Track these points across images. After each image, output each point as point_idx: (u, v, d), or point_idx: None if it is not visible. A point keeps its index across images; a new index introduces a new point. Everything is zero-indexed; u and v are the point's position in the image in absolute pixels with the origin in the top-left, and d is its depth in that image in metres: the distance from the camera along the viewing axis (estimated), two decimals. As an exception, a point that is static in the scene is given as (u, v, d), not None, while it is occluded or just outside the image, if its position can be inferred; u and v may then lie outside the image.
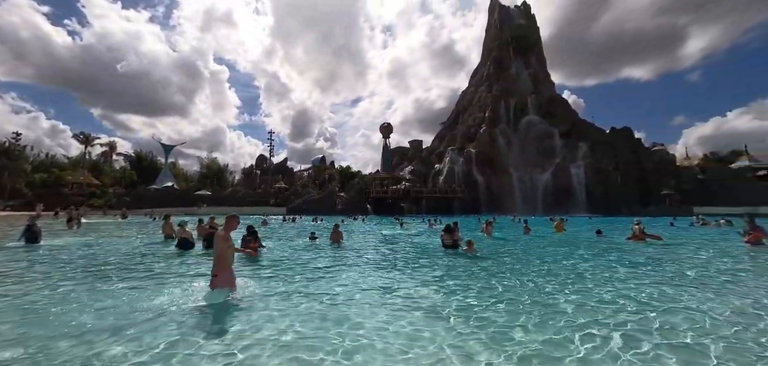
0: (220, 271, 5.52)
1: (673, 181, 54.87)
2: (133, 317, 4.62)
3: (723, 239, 15.15)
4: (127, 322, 4.41)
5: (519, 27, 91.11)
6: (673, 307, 5.16)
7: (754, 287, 6.43)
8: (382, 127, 76.75)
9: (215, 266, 5.55)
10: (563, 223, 20.56)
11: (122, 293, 5.93)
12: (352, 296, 5.90)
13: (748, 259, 9.86)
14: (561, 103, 78.06)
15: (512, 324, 4.47)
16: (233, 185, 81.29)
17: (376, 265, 9.17)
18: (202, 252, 11.42)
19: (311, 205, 53.42)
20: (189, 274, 7.74)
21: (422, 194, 59.94)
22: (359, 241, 15.38)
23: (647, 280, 7.06)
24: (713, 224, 24.81)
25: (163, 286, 6.47)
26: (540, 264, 9.14)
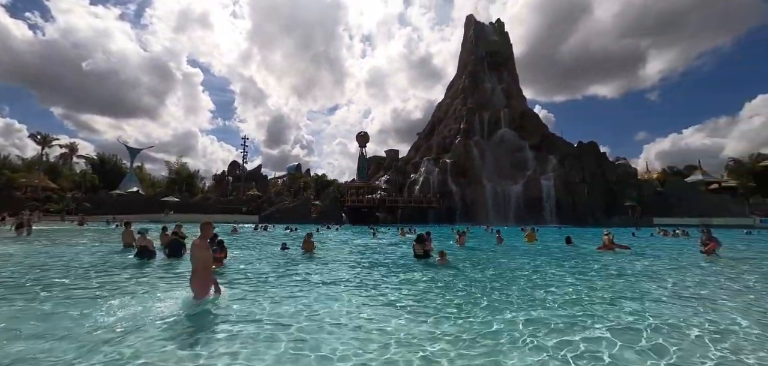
0: (200, 279, 5.57)
1: (635, 193, 57.75)
2: (66, 339, 4.26)
3: (682, 249, 16.01)
4: (53, 346, 4.02)
5: (493, 43, 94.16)
6: (635, 317, 5.32)
7: (714, 294, 6.77)
8: (358, 135, 76.56)
9: (195, 275, 5.58)
10: (534, 233, 21.09)
11: (57, 311, 5.46)
12: (318, 312, 5.73)
13: (706, 267, 10.46)
14: (532, 118, 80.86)
15: (474, 336, 4.46)
16: (203, 192, 78.66)
17: (345, 279, 9.02)
18: (163, 261, 10.89)
19: (285, 214, 52.38)
20: (145, 285, 7.30)
21: (398, 204, 60.11)
22: (331, 251, 15.14)
23: (616, 287, 7.30)
24: (672, 234, 26.45)
25: (110, 300, 6.04)
26: (510, 275, 9.28)
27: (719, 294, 6.93)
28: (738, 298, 6.55)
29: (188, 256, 11.32)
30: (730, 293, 7.01)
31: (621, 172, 65.41)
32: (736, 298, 6.62)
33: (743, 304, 6.12)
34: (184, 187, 73.92)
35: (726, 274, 9.28)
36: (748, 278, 8.68)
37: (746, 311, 5.67)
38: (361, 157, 75.18)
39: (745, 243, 20.53)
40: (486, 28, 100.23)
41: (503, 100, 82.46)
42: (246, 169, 77.01)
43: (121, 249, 13.82)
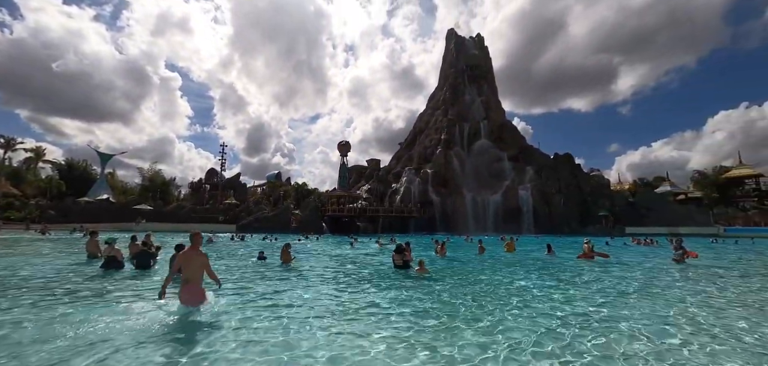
0: (190, 288, 5.75)
1: (608, 203, 59.74)
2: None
3: (653, 256, 16.56)
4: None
5: (473, 57, 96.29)
6: (612, 323, 5.37)
7: (689, 296, 6.96)
8: (340, 144, 76.25)
9: (185, 284, 5.77)
10: (514, 242, 21.37)
11: (6, 332, 5.07)
12: (293, 324, 5.52)
13: (679, 273, 10.83)
14: (510, 130, 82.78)
15: (452, 350, 4.37)
16: (179, 200, 76.21)
17: (322, 291, 8.81)
18: (132, 273, 10.37)
19: (264, 223, 51.28)
20: (110, 298, 6.87)
21: (379, 213, 59.95)
22: (309, 262, 14.83)
23: (598, 295, 7.39)
24: (643, 243, 27.76)
25: (74, 316, 5.63)
26: (492, 285, 9.28)
27: (700, 298, 7.14)
28: (717, 300, 6.76)
29: (157, 268, 10.94)
30: (705, 296, 7.23)
31: (595, 183, 67.66)
32: (715, 299, 6.83)
33: (726, 305, 6.31)
34: (158, 194, 71.35)
35: (703, 280, 9.61)
36: (725, 282, 9.01)
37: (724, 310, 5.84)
38: (342, 167, 74.81)
39: (712, 251, 21.48)
40: (466, 41, 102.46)
41: (483, 112, 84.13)
42: (224, 177, 75.10)
43: (86, 260, 13.10)
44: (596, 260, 14.62)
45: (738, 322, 5.60)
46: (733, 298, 7.58)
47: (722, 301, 7.27)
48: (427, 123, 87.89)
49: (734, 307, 6.71)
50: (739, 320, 5.73)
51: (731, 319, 5.79)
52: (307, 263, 14.10)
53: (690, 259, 13.37)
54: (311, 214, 55.89)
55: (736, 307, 6.72)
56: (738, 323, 5.56)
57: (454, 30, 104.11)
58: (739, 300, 7.35)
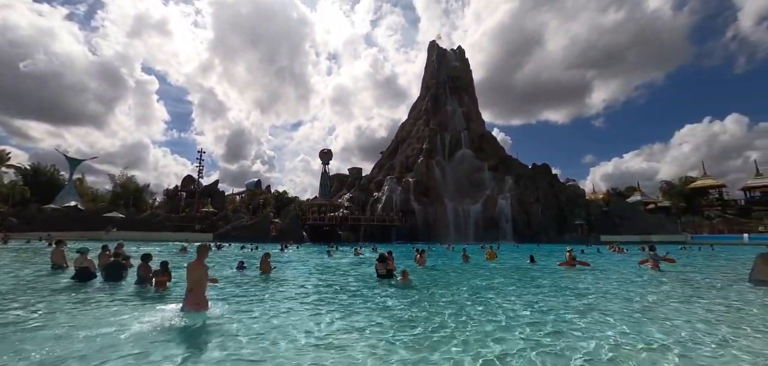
0: (193, 297, 6.22)
1: (583, 212, 61.54)
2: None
3: (628, 263, 17.08)
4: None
5: (454, 69, 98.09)
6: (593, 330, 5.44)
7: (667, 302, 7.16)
8: (321, 152, 75.62)
9: (190, 293, 6.22)
10: (494, 251, 21.64)
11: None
12: (276, 335, 5.34)
13: (656, 280, 11.17)
14: (490, 140, 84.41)
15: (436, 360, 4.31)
16: (153, 207, 73.52)
17: (303, 301, 8.61)
18: (102, 285, 9.89)
19: (242, 232, 50.07)
20: (85, 313, 6.46)
21: (360, 222, 59.64)
22: (290, 271, 14.51)
23: (580, 302, 7.50)
24: (617, 249, 28.77)
25: (40, 330, 5.26)
26: (472, 294, 9.30)
27: (682, 304, 7.35)
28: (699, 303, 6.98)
29: (129, 279, 10.44)
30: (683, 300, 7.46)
31: (571, 192, 69.64)
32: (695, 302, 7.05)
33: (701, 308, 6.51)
34: (131, 202, 68.58)
35: (680, 284, 9.93)
36: (699, 286, 9.35)
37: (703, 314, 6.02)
38: (324, 175, 74.15)
39: (681, 257, 22.32)
40: (448, 53, 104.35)
41: (463, 123, 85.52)
42: (201, 184, 73.03)
43: (50, 270, 12.38)
44: (577, 268, 14.99)
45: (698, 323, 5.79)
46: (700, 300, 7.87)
47: (694, 304, 7.52)
48: (409, 132, 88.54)
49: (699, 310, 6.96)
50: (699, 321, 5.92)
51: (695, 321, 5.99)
52: (286, 273, 13.80)
53: (665, 264, 13.96)
54: (291, 222, 55.01)
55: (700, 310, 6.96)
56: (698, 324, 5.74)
57: (435, 42, 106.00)
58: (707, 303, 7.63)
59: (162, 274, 9.64)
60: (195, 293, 6.25)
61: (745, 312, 6.97)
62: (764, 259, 10.53)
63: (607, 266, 16.53)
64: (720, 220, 58.85)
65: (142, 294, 8.65)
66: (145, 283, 9.61)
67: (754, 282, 10.45)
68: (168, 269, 9.89)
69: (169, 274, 9.88)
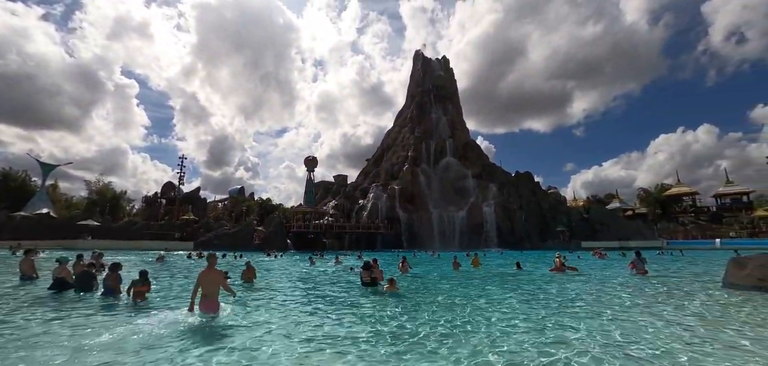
0: (208, 302, 6.97)
1: (565, 219, 62.85)
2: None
3: (612, 267, 17.47)
4: None
5: (439, 78, 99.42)
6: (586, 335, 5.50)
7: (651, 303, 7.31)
8: (306, 159, 74.94)
9: (204, 299, 6.96)
10: (479, 258, 21.74)
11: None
12: (261, 346, 5.20)
13: (638, 282, 11.44)
14: (474, 148, 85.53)
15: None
16: (130, 215, 71.22)
17: (289, 309, 8.45)
18: (76, 295, 9.50)
19: (224, 240, 49.00)
20: (63, 325, 6.13)
21: (345, 229, 59.28)
22: (273, 280, 14.24)
23: (574, 305, 7.59)
24: (599, 255, 29.57)
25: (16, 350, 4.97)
26: (462, 301, 9.30)
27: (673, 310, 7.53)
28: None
29: (101, 289, 10.03)
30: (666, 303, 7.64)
31: (553, 199, 71.12)
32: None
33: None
34: (107, 209, 66.25)
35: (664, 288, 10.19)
36: (678, 290, 9.62)
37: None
38: (308, 182, 73.49)
39: (659, 262, 22.98)
40: (433, 62, 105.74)
41: (448, 131, 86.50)
42: (182, 190, 71.25)
43: (18, 281, 11.80)
44: (567, 273, 15.42)
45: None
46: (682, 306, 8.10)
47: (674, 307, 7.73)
48: (395, 140, 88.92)
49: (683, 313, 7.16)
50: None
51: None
52: (269, 281, 13.54)
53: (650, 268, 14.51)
54: (275, 230, 54.17)
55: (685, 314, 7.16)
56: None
57: (420, 51, 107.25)
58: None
59: (141, 285, 9.30)
60: (209, 299, 7.00)
61: (720, 314, 7.21)
62: (736, 264, 10.94)
63: (592, 270, 16.88)
64: (693, 226, 61.09)
65: (112, 306, 8.30)
66: (113, 294, 9.24)
67: (727, 286, 10.84)
68: (148, 279, 9.55)
69: (148, 284, 9.54)
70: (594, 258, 28.56)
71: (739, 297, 9.31)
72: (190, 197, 75.09)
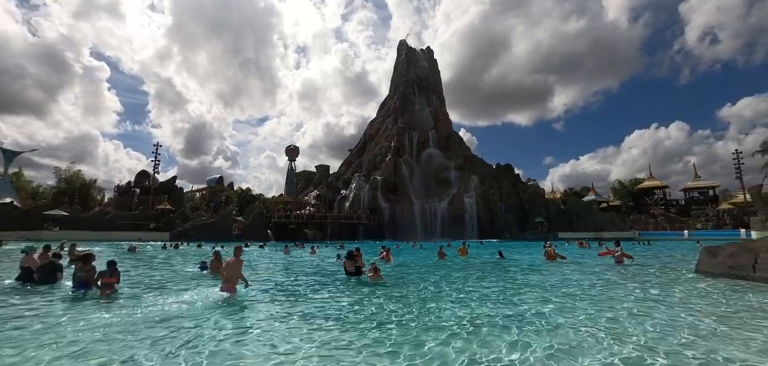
0: (228, 285, 8.26)
1: (543, 210, 64.41)
2: None
3: (593, 255, 17.93)
4: None
5: (423, 69, 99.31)
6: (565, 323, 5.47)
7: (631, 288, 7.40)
8: (288, 149, 73.96)
9: (225, 282, 8.34)
10: (466, 247, 21.93)
11: None
12: (241, 338, 4.91)
13: (619, 271, 11.68)
14: (457, 140, 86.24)
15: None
16: (102, 205, 68.40)
17: (272, 298, 8.16)
18: (33, 287, 8.91)
19: (202, 230, 47.69)
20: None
21: (327, 220, 58.85)
22: (246, 271, 13.84)
23: (559, 292, 7.61)
24: (585, 244, 30.38)
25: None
26: (448, 289, 9.22)
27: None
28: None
29: (66, 283, 9.48)
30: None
31: (532, 192, 72.67)
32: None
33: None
34: (77, 198, 63.34)
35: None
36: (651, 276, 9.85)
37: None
38: (290, 172, 72.66)
39: (631, 252, 23.73)
40: (417, 53, 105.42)
41: (431, 122, 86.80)
42: (157, 180, 68.84)
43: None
44: (557, 261, 16.16)
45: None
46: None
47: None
48: (378, 130, 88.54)
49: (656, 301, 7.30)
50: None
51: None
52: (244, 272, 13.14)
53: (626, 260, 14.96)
54: (255, 220, 53.19)
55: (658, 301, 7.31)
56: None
57: (405, 42, 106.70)
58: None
59: (109, 276, 8.76)
60: (229, 282, 8.30)
61: (692, 298, 7.40)
62: (709, 252, 11.32)
63: (580, 259, 17.27)
64: (663, 218, 63.69)
65: (82, 300, 7.81)
66: (86, 287, 8.67)
67: (699, 273, 11.21)
68: (116, 270, 9.01)
69: (117, 275, 9.00)
70: (577, 247, 29.34)
71: (711, 283, 9.63)
72: (166, 186, 72.54)
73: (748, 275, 9.76)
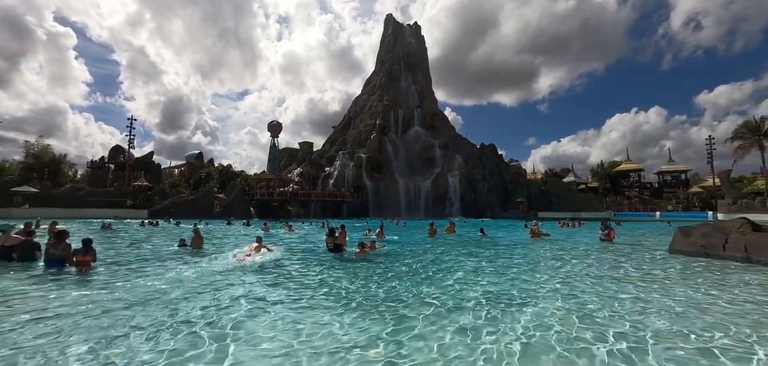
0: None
1: (525, 190, 65.78)
2: None
3: (574, 236, 18.44)
4: None
5: (409, 45, 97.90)
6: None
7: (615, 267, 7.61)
8: (270, 125, 72.30)
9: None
10: (454, 226, 22.24)
11: None
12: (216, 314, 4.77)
13: (608, 250, 12.03)
14: (442, 119, 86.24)
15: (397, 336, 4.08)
16: (74, 181, 65.70)
17: (251, 278, 8.01)
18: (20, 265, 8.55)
19: (182, 208, 46.60)
20: None
21: (311, 197, 58.47)
22: (223, 246, 13.61)
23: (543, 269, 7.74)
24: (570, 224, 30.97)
25: None
26: (440, 264, 9.27)
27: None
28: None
29: (42, 259, 9.07)
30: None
31: (514, 172, 73.92)
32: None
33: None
34: (46, 174, 60.53)
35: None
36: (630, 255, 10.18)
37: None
38: (272, 148, 71.30)
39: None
40: (404, 28, 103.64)
41: (417, 100, 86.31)
42: (133, 155, 66.38)
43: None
44: (542, 238, 17.18)
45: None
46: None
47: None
48: (363, 107, 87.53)
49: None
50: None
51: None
52: (223, 249, 12.92)
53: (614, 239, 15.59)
54: (237, 197, 52.34)
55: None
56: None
57: (391, 16, 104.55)
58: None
59: (84, 254, 8.40)
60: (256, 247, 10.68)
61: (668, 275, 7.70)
62: (683, 232, 11.78)
63: (560, 237, 17.73)
64: (637, 200, 66.14)
65: (52, 278, 7.48)
66: (61, 265, 8.31)
67: (673, 252, 11.67)
68: (92, 248, 8.65)
69: (92, 252, 8.64)
70: (558, 228, 30.18)
71: (684, 261, 10.04)
72: (143, 162, 70.29)
73: (719, 254, 10.21)
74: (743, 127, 49.44)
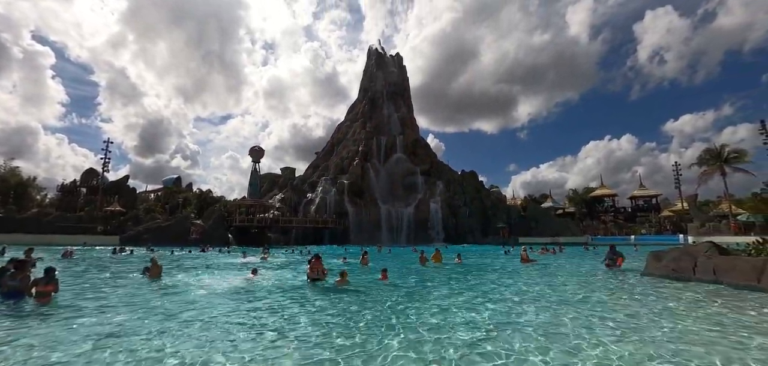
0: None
1: (505, 216, 66.82)
2: None
3: (558, 261, 18.68)
4: None
5: (392, 74, 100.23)
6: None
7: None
8: (252, 150, 71.51)
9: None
10: (440, 253, 21.35)
11: None
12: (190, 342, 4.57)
13: (615, 279, 12.20)
14: (424, 146, 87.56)
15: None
16: (42, 205, 62.58)
17: (219, 306, 7.76)
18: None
19: (156, 234, 44.88)
20: None
21: (292, 224, 57.53)
22: (188, 276, 13.16)
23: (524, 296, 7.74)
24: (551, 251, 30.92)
25: None
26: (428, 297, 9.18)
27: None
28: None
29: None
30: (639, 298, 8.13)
31: (494, 198, 75.26)
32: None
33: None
34: (12, 197, 57.48)
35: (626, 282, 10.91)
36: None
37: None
38: (253, 173, 70.26)
39: (584, 257, 25.07)
40: (386, 59, 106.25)
41: (399, 128, 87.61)
42: (107, 179, 64.11)
43: None
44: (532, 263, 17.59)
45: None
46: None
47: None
48: (346, 134, 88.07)
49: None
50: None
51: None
52: (180, 277, 12.47)
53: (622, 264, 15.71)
54: (215, 223, 50.94)
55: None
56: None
57: (375, 48, 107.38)
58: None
59: (46, 283, 7.93)
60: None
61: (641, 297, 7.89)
62: (655, 257, 12.16)
63: (547, 262, 17.94)
64: (612, 224, 68.20)
65: (8, 313, 7.01)
66: (20, 296, 7.80)
67: (646, 274, 12.00)
68: (54, 277, 8.18)
69: (54, 282, 8.16)
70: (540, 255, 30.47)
71: (656, 283, 10.33)
72: (117, 186, 67.80)
73: (690, 277, 10.56)
74: (706, 153, 52.49)
